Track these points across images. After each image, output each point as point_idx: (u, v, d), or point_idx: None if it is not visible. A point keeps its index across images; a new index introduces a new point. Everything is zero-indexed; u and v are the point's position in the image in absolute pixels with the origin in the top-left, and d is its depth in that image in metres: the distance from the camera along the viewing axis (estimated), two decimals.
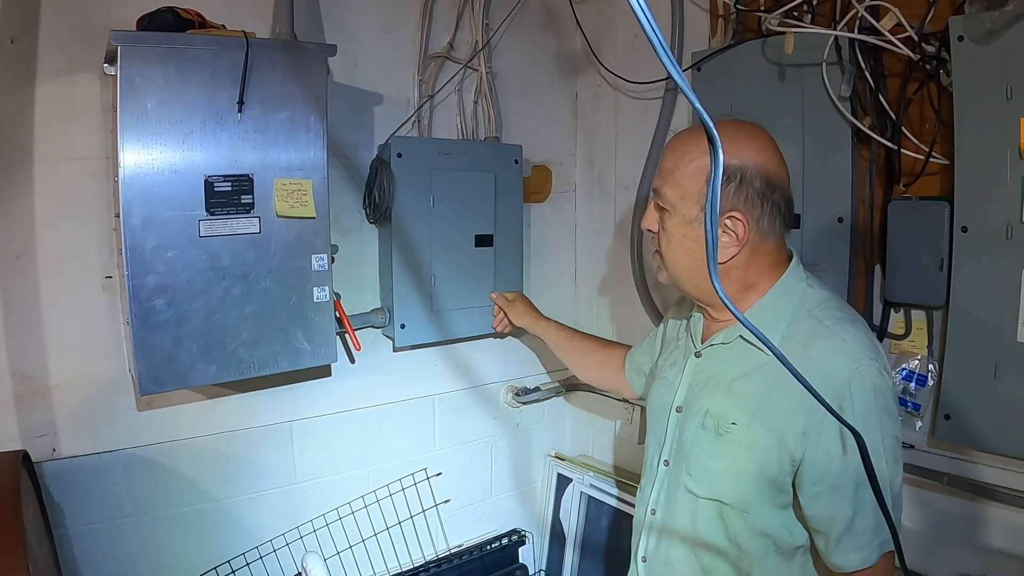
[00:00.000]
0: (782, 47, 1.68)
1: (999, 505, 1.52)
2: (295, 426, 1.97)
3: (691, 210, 1.20)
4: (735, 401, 1.22)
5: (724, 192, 1.15)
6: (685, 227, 1.21)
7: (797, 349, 1.14)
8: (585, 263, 2.54)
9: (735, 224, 1.18)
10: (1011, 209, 1.40)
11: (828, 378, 1.09)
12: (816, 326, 1.18)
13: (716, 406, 1.24)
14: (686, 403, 1.32)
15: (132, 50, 1.42)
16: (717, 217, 0.56)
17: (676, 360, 1.41)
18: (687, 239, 1.22)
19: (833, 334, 1.16)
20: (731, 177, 1.16)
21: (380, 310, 2.03)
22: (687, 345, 1.39)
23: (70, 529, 1.65)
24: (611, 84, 2.36)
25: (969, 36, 1.41)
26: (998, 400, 1.45)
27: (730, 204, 1.17)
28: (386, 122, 2.02)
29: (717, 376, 1.27)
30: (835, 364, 1.12)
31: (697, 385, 1.31)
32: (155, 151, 1.46)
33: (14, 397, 1.58)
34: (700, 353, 1.33)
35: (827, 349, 1.14)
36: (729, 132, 1.19)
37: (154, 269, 1.48)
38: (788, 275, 1.25)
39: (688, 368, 1.34)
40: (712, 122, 0.50)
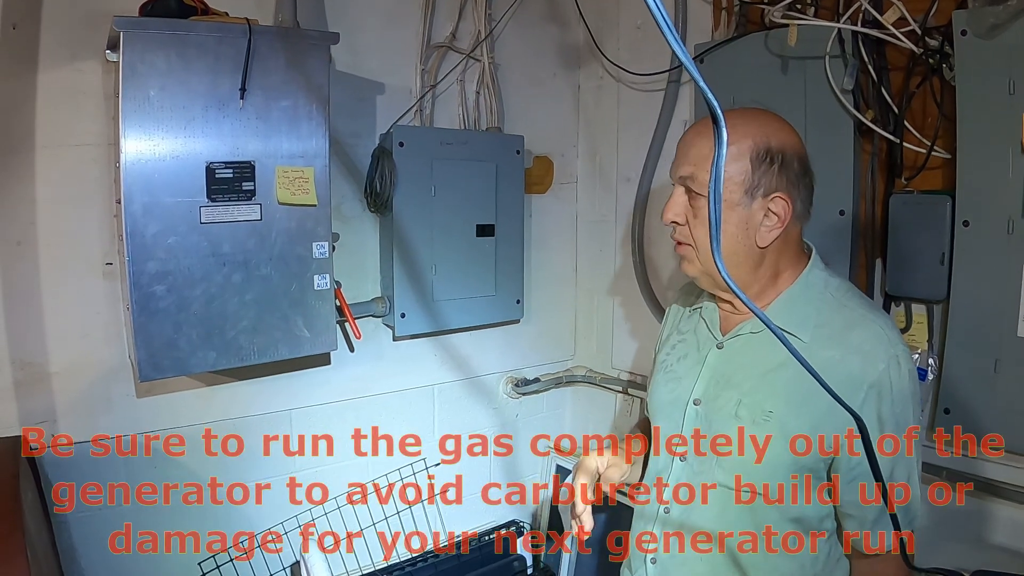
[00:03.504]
0: (785, 40, 1.68)
1: (999, 500, 1.53)
2: (294, 414, 1.97)
3: (734, 194, 1.17)
4: (771, 391, 1.20)
5: (767, 173, 1.15)
6: (727, 212, 1.17)
7: (835, 336, 1.16)
8: (586, 254, 2.54)
9: (778, 205, 1.17)
10: (1013, 203, 1.40)
11: (869, 364, 1.12)
12: (850, 314, 1.18)
13: (749, 396, 1.21)
14: (706, 395, 1.28)
15: (135, 36, 1.42)
16: (720, 202, 0.56)
17: (687, 352, 1.37)
18: (729, 224, 1.18)
19: (869, 321, 1.16)
20: (773, 158, 1.16)
21: (380, 299, 2.03)
22: (703, 337, 1.35)
23: (69, 515, 1.66)
24: (613, 75, 2.35)
25: (972, 30, 1.41)
26: (998, 395, 1.45)
27: (774, 184, 1.16)
28: (388, 111, 2.02)
29: (747, 366, 1.24)
30: (874, 350, 1.13)
31: (722, 377, 1.27)
32: (157, 137, 1.46)
33: (14, 383, 1.58)
34: (723, 344, 1.30)
35: (866, 336, 1.15)
36: (760, 118, 1.19)
37: (155, 255, 1.48)
38: (813, 263, 1.25)
39: (710, 360, 1.30)
40: (718, 105, 0.49)
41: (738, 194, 1.16)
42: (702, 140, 1.20)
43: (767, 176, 1.15)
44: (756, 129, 1.17)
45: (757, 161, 1.16)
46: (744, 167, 1.16)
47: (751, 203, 1.17)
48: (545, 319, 2.49)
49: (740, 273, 1.21)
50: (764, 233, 1.18)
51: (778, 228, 1.18)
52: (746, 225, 1.18)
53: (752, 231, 1.18)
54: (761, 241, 1.18)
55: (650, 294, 2.24)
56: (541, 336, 2.49)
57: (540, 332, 2.48)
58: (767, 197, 1.16)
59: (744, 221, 1.17)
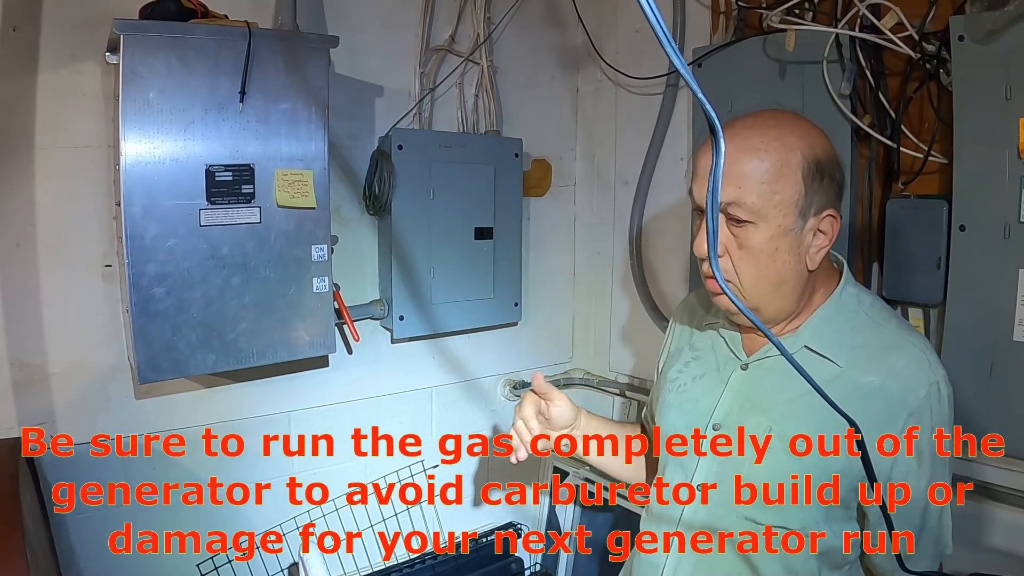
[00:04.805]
0: (783, 44, 1.68)
1: (995, 503, 1.53)
2: (292, 416, 1.98)
3: (787, 218, 1.04)
4: (804, 417, 1.09)
5: (820, 189, 1.04)
6: (779, 239, 1.05)
7: (873, 359, 1.08)
8: (584, 257, 2.55)
9: (828, 223, 1.07)
10: (1009, 208, 1.40)
11: (909, 392, 1.06)
12: (888, 336, 1.11)
13: (780, 423, 1.11)
14: (728, 421, 1.17)
15: (135, 39, 1.42)
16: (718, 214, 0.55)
17: (705, 372, 1.26)
18: (781, 252, 1.06)
19: (909, 344, 1.09)
20: (823, 172, 1.05)
21: (379, 301, 2.03)
22: (723, 356, 1.24)
23: (67, 516, 1.66)
24: (612, 79, 2.36)
25: (970, 36, 1.41)
26: (994, 398, 1.45)
27: (823, 200, 1.06)
28: (387, 114, 2.02)
29: (776, 390, 1.14)
30: (916, 375, 1.06)
31: (747, 401, 1.17)
32: (156, 140, 1.46)
33: (13, 384, 1.59)
34: (747, 366, 1.19)
35: (909, 360, 1.08)
36: (801, 125, 1.07)
37: (154, 257, 1.48)
38: (847, 280, 1.17)
39: (733, 382, 1.19)
40: (715, 113, 0.49)
41: (791, 217, 1.05)
42: (743, 155, 1.04)
43: (820, 194, 1.05)
44: (799, 139, 1.05)
45: (809, 178, 1.04)
46: (797, 187, 1.04)
47: (803, 225, 1.06)
48: (543, 322, 2.49)
49: (787, 303, 1.12)
50: (814, 255, 1.08)
51: (827, 248, 1.09)
52: (798, 250, 1.07)
53: (803, 255, 1.08)
54: (811, 264, 1.09)
55: (648, 297, 2.25)
56: (539, 339, 2.49)
57: (538, 335, 2.48)
58: (818, 216, 1.06)
59: (796, 246, 1.07)
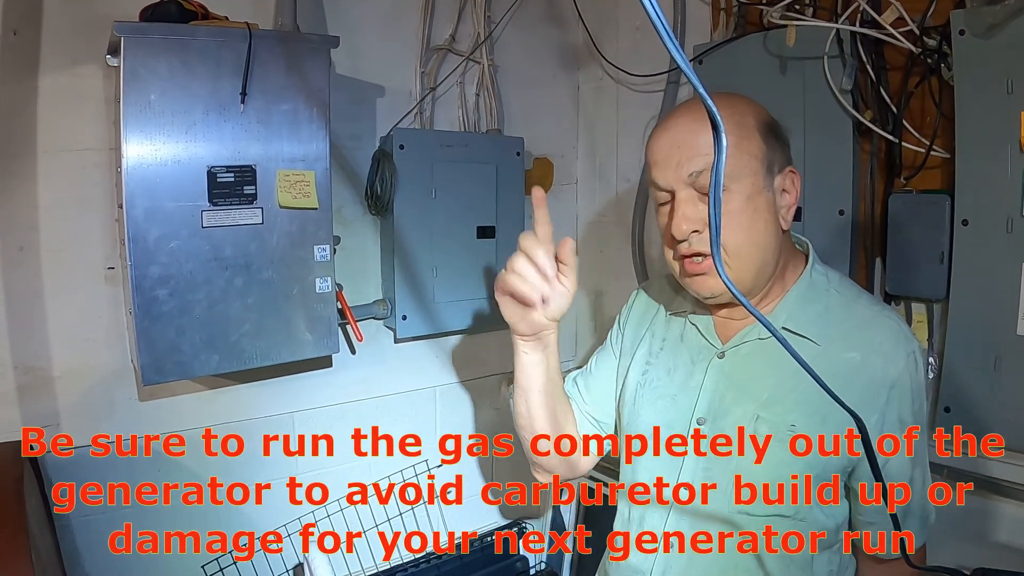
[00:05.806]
0: (784, 40, 1.68)
1: (1000, 498, 1.53)
2: (296, 417, 1.98)
3: (758, 176, 1.07)
4: (791, 401, 1.10)
5: (777, 146, 1.09)
6: (756, 198, 1.07)
7: (851, 335, 1.10)
8: (586, 255, 2.54)
9: (794, 181, 1.11)
10: (1012, 202, 1.40)
11: (889, 364, 1.08)
12: (862, 311, 1.13)
13: (768, 409, 1.11)
14: (711, 413, 1.16)
15: (135, 41, 1.42)
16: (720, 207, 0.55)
17: (677, 364, 1.24)
18: (760, 212, 1.08)
19: (884, 317, 1.12)
20: (775, 132, 1.09)
21: (382, 301, 2.03)
22: (696, 345, 1.23)
23: (72, 519, 1.66)
24: (613, 77, 2.36)
25: (971, 30, 1.41)
26: (998, 392, 1.46)
27: (784, 159, 1.11)
28: (388, 114, 2.02)
29: (758, 377, 1.13)
30: (895, 347, 1.09)
31: (728, 391, 1.15)
32: (158, 142, 1.46)
33: (16, 388, 1.59)
34: (724, 354, 1.18)
35: (886, 333, 1.10)
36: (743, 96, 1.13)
37: (157, 260, 1.48)
38: (814, 259, 1.19)
39: (711, 372, 1.18)
40: (715, 108, 0.49)
41: (761, 175, 1.08)
42: (702, 125, 1.05)
43: (778, 151, 1.09)
44: (747, 105, 1.10)
45: (767, 135, 1.08)
46: (759, 144, 1.07)
47: (772, 182, 1.09)
48: None
49: (767, 269, 1.12)
50: (785, 215, 1.10)
51: (794, 206, 1.12)
52: (775, 209, 1.09)
53: (778, 214, 1.10)
54: (784, 224, 1.11)
55: None
56: None
57: None
58: (782, 173, 1.09)
59: (772, 205, 1.09)
